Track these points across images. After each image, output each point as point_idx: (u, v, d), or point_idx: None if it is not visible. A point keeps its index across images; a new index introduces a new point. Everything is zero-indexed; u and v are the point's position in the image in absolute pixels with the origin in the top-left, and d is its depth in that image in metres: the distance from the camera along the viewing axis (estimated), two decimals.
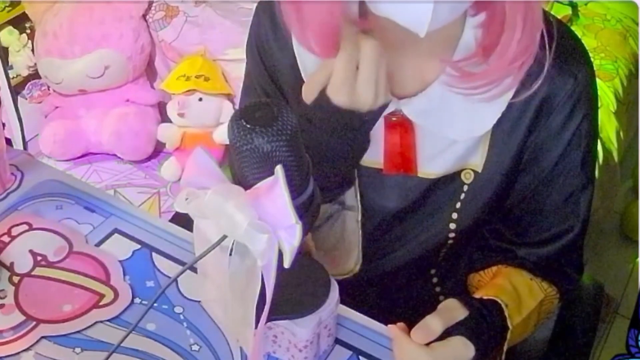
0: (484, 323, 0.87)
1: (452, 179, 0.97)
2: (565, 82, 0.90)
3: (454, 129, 0.92)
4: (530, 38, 0.82)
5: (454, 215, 1.00)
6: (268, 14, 0.98)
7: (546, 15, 0.94)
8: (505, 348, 0.91)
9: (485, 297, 0.92)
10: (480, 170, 0.96)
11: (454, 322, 0.86)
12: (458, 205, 0.99)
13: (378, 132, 0.95)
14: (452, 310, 0.87)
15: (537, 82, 0.87)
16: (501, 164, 0.95)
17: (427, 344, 0.84)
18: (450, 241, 1.02)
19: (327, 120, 0.87)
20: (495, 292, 0.93)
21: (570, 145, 0.94)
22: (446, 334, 0.85)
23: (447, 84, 0.88)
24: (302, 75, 0.95)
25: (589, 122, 0.94)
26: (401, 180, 0.98)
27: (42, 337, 0.92)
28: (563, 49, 0.90)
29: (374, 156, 0.97)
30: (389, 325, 0.88)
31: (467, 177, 0.97)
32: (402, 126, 0.94)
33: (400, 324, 0.86)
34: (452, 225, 1.01)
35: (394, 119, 0.93)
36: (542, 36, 0.87)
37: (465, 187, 0.98)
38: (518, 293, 0.95)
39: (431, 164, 0.96)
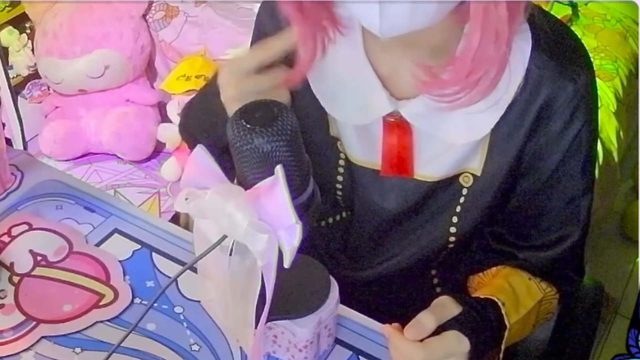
0: (478, 319, 0.87)
1: (451, 182, 0.97)
2: (565, 86, 0.89)
3: (451, 133, 0.91)
4: (491, 51, 0.80)
5: (455, 219, 1.00)
6: (269, 12, 0.98)
7: (545, 17, 0.94)
8: (503, 347, 0.91)
9: (482, 296, 0.92)
10: (479, 174, 0.96)
11: (447, 318, 0.86)
12: (458, 209, 0.99)
13: (376, 133, 0.95)
14: (446, 306, 0.87)
15: (529, 86, 0.87)
16: (500, 167, 0.95)
17: (422, 340, 0.84)
18: (450, 245, 1.02)
19: None
20: (492, 291, 0.93)
21: (570, 150, 0.93)
22: (441, 329, 0.85)
23: (418, 88, 0.88)
24: None
25: (589, 127, 0.93)
26: (400, 183, 0.98)
27: (42, 337, 0.92)
28: (563, 51, 0.90)
29: (372, 157, 0.97)
30: (383, 325, 0.88)
31: (466, 181, 0.97)
32: (400, 128, 0.93)
33: (395, 324, 0.86)
34: (453, 229, 1.01)
35: (392, 120, 0.93)
36: (536, 37, 0.87)
37: (465, 191, 0.98)
38: (515, 292, 0.95)
39: (429, 167, 0.96)
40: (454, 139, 0.92)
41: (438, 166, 0.96)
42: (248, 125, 0.71)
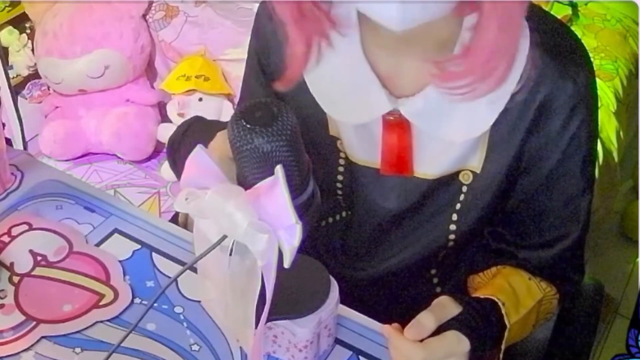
0: (478, 319, 0.87)
1: (451, 180, 0.97)
2: (564, 85, 0.90)
3: (451, 130, 0.91)
4: (506, 41, 0.81)
5: (454, 217, 1.00)
6: (268, 13, 0.98)
7: (545, 17, 0.94)
8: (503, 347, 0.91)
9: (482, 296, 0.92)
10: (478, 172, 0.96)
11: (447, 318, 0.86)
12: (458, 206, 0.99)
13: (376, 131, 0.95)
14: (446, 306, 0.87)
15: (528, 84, 0.87)
16: (500, 165, 0.95)
17: (422, 340, 0.84)
18: (450, 243, 1.02)
19: None
20: (492, 291, 0.93)
21: (569, 149, 0.93)
22: (441, 329, 0.85)
23: (432, 82, 0.88)
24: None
25: (588, 126, 0.93)
26: (400, 181, 0.98)
27: (42, 337, 0.92)
28: (563, 51, 0.90)
29: (372, 156, 0.98)
30: (383, 325, 0.88)
31: (466, 179, 0.97)
32: (399, 126, 0.93)
33: (395, 324, 0.87)
34: (452, 227, 1.01)
35: (391, 118, 0.93)
36: (536, 36, 0.87)
37: (465, 189, 0.98)
38: (515, 292, 0.95)
39: (429, 165, 0.96)
40: (454, 136, 0.92)
41: (438, 164, 0.96)
42: (248, 125, 0.71)
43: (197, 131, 1.01)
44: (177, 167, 1.03)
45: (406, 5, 0.75)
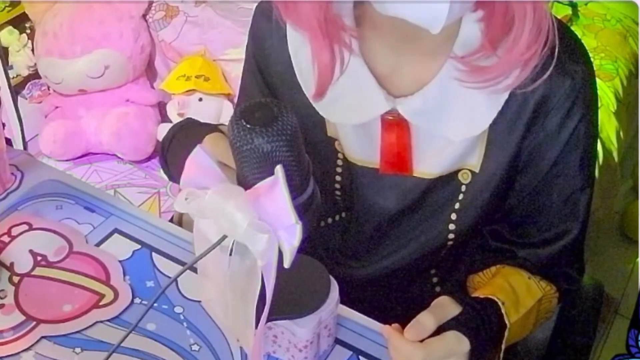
0: (478, 319, 0.87)
1: (450, 179, 0.97)
2: (562, 82, 0.90)
3: (450, 129, 0.91)
4: (539, 27, 0.82)
5: (453, 216, 1.00)
6: (266, 14, 0.98)
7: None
8: (503, 346, 0.91)
9: (481, 296, 0.92)
10: (477, 171, 0.96)
11: (447, 318, 0.86)
12: (457, 205, 0.99)
13: (375, 131, 0.95)
14: (445, 306, 0.87)
15: (542, 77, 0.87)
16: (499, 164, 0.95)
17: (422, 341, 0.84)
18: (449, 242, 1.03)
19: None
20: (491, 291, 0.93)
21: (567, 146, 0.93)
22: (441, 329, 0.85)
23: (459, 79, 0.88)
24: (296, 73, 0.95)
25: (587, 122, 0.94)
26: (399, 181, 0.98)
27: (42, 337, 0.92)
28: (562, 49, 0.90)
29: (371, 156, 0.98)
30: (383, 326, 0.88)
31: (465, 178, 0.97)
32: (398, 126, 0.94)
33: (395, 324, 0.87)
34: (452, 226, 1.01)
35: (390, 118, 0.93)
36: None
37: (463, 188, 0.98)
38: (515, 291, 0.95)
39: (428, 164, 0.96)
40: (453, 135, 0.92)
41: (437, 163, 0.96)
42: (248, 125, 0.71)
43: (187, 135, 1.01)
44: (168, 168, 1.03)
45: (451, 5, 0.75)
